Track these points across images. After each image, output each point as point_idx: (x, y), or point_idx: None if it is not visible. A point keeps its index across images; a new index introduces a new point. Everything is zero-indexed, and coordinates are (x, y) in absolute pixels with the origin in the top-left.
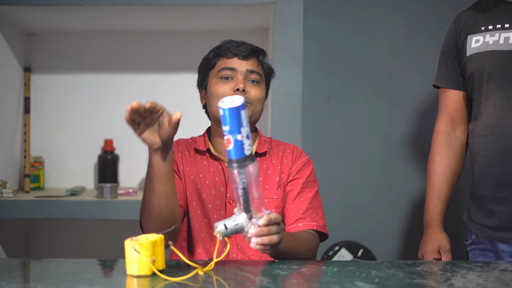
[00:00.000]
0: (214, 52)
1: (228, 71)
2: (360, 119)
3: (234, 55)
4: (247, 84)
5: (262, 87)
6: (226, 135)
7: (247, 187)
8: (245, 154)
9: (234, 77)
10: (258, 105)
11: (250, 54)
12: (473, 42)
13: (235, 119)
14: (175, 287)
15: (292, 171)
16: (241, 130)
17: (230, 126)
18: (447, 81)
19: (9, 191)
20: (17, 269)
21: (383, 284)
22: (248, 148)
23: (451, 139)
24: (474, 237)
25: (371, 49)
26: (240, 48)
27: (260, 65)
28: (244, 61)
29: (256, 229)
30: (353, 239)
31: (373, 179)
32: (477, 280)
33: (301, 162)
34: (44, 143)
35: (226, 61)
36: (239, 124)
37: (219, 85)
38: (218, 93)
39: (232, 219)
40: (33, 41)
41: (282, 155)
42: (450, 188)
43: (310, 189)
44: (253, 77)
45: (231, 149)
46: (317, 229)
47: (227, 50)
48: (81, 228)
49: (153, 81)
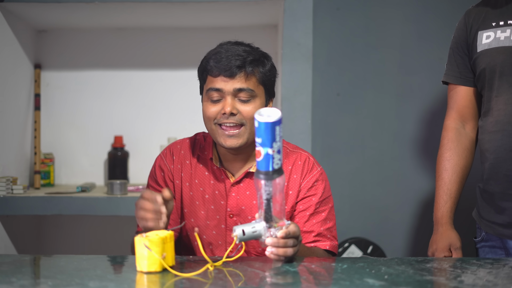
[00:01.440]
0: (202, 67)
1: (215, 92)
2: (369, 115)
3: (219, 74)
4: (236, 104)
5: (256, 100)
6: (258, 147)
7: (271, 199)
8: (274, 168)
9: (222, 97)
10: (253, 124)
11: (236, 70)
12: (484, 38)
13: (269, 134)
14: (185, 283)
15: (302, 188)
16: (273, 145)
17: (263, 139)
18: (457, 77)
19: (19, 187)
20: (28, 265)
21: (393, 281)
22: (277, 163)
23: (460, 136)
24: (483, 234)
25: (380, 46)
26: (224, 65)
27: (252, 76)
28: (230, 79)
29: (273, 240)
30: (363, 236)
31: (382, 175)
32: (487, 277)
33: (313, 177)
34: (54, 139)
35: (212, 80)
36: (272, 139)
37: (208, 106)
38: (208, 115)
39: (251, 226)
40: (43, 38)
41: (291, 168)
42: (460, 185)
43: (324, 207)
44: (242, 96)
45: (260, 161)
46: (329, 249)
47: (211, 68)
48: (91, 224)
49: (163, 77)
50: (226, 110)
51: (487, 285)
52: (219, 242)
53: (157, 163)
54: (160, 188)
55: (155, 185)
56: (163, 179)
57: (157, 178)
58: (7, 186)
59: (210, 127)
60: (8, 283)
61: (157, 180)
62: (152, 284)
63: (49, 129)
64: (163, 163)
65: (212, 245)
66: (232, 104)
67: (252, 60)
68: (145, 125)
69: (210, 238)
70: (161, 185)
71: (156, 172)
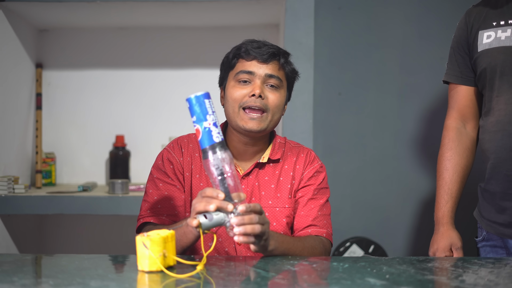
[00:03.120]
0: (234, 52)
1: (245, 74)
2: (371, 115)
3: (253, 58)
4: (265, 89)
5: (282, 92)
6: (195, 126)
7: (223, 174)
8: (214, 141)
9: (251, 81)
10: (275, 113)
11: (270, 57)
12: (484, 37)
13: (201, 107)
14: (186, 282)
15: (303, 177)
16: (207, 117)
17: (196, 115)
18: (458, 77)
19: (21, 187)
20: (29, 264)
21: (394, 280)
22: (217, 136)
23: (461, 135)
24: (485, 233)
25: (382, 45)
26: (260, 50)
27: (281, 68)
28: (263, 64)
29: (238, 218)
30: (364, 235)
31: (384, 175)
32: (489, 276)
33: (314, 168)
34: (55, 139)
35: (245, 63)
36: (205, 112)
37: (236, 88)
38: (234, 97)
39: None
40: (45, 37)
41: (295, 160)
42: (461, 185)
43: (321, 195)
44: (272, 82)
45: (201, 138)
46: (326, 237)
47: (247, 52)
48: (93, 224)
49: (164, 77)
50: (256, 91)
51: (488, 285)
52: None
53: (164, 156)
54: (170, 180)
55: (164, 177)
56: (173, 171)
57: (167, 171)
58: (8, 186)
59: (233, 109)
60: (10, 283)
61: (167, 173)
62: (153, 284)
63: (51, 129)
64: (171, 155)
65: (221, 237)
66: (261, 88)
67: (285, 53)
68: (146, 125)
69: (219, 231)
70: (170, 177)
71: (164, 165)
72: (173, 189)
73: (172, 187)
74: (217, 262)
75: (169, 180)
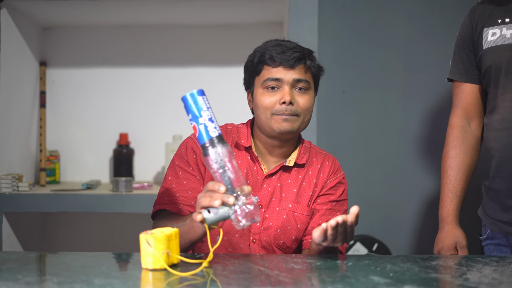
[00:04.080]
0: (258, 58)
1: (273, 81)
2: (375, 113)
3: (279, 64)
4: (294, 94)
5: (311, 93)
6: (192, 123)
7: (224, 166)
8: (212, 136)
9: (280, 87)
10: (306, 115)
11: (296, 62)
12: (489, 35)
13: (195, 104)
14: (190, 280)
15: (326, 185)
16: (202, 113)
17: (192, 113)
18: (462, 75)
19: (25, 184)
20: (33, 262)
21: (398, 278)
22: (213, 130)
23: (466, 133)
24: (489, 232)
25: (386, 43)
26: (285, 55)
27: (308, 71)
28: (290, 70)
29: (241, 209)
30: (368, 233)
31: (388, 173)
32: (493, 274)
33: (337, 178)
34: (59, 137)
35: (271, 70)
36: (199, 108)
37: (265, 96)
38: (265, 105)
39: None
40: (49, 35)
41: (319, 167)
42: (466, 183)
43: (340, 208)
44: (301, 85)
45: (198, 134)
46: (339, 248)
47: (272, 58)
48: (97, 221)
49: (168, 75)
50: (286, 99)
51: (492, 283)
52: (244, 231)
53: (188, 145)
54: (191, 169)
55: (186, 166)
56: (195, 161)
57: (189, 160)
58: (12, 183)
59: (265, 116)
60: (14, 280)
61: (189, 162)
62: (157, 281)
63: (55, 127)
64: (196, 145)
65: (238, 233)
66: (291, 94)
67: (309, 54)
68: (150, 123)
69: (237, 230)
70: (192, 167)
71: (188, 154)
72: (193, 179)
73: (192, 177)
74: (221, 260)
75: (190, 170)
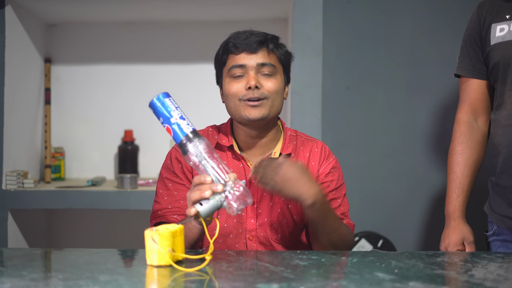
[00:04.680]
0: (223, 48)
1: (238, 69)
2: (380, 109)
3: (242, 50)
4: (260, 78)
5: (278, 77)
6: (164, 126)
7: (205, 158)
8: (186, 133)
9: (245, 74)
10: (275, 98)
11: (258, 46)
12: (497, 30)
13: (163, 107)
14: (195, 276)
15: (320, 174)
16: (172, 114)
17: (162, 116)
18: (470, 70)
19: (30, 181)
20: (39, 258)
21: (403, 275)
22: (187, 127)
23: (473, 129)
24: (495, 228)
25: (391, 39)
26: (247, 41)
27: (272, 53)
28: (253, 55)
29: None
30: (373, 230)
31: (393, 170)
32: (498, 271)
33: (329, 164)
34: (64, 133)
35: (235, 57)
36: (168, 110)
37: (232, 84)
38: (232, 92)
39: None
40: (54, 32)
41: (308, 155)
42: (472, 179)
43: (339, 194)
44: (265, 70)
45: (173, 135)
46: (351, 228)
47: (234, 45)
48: (102, 218)
49: (173, 71)
50: (251, 83)
51: (497, 279)
52: (239, 230)
53: (172, 155)
54: (179, 179)
55: (173, 176)
56: (181, 170)
57: (175, 170)
58: (18, 180)
59: (234, 103)
60: (19, 276)
61: (175, 172)
62: (162, 278)
63: (60, 123)
64: (179, 154)
65: (232, 233)
66: (256, 78)
67: (272, 38)
68: (155, 119)
69: (231, 227)
70: (179, 177)
71: (173, 164)
72: (183, 188)
73: (182, 187)
74: (225, 256)
75: (178, 180)
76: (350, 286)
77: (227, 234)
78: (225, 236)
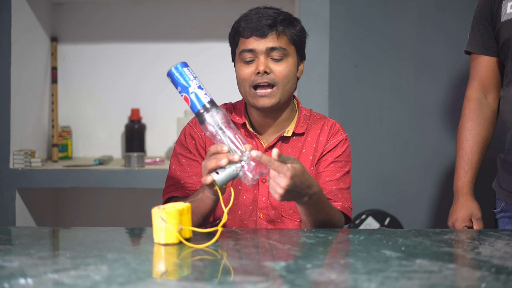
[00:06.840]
0: (234, 30)
1: (248, 53)
2: (387, 87)
3: (251, 34)
4: (269, 63)
5: (289, 60)
6: (182, 95)
7: (221, 129)
8: (204, 103)
9: (255, 58)
10: (286, 83)
11: (268, 29)
12: (508, 7)
13: (181, 76)
14: (202, 254)
15: (326, 148)
16: (190, 83)
17: (180, 85)
18: (480, 47)
19: (37, 160)
20: (46, 237)
21: (410, 252)
22: (204, 97)
23: (482, 106)
24: (503, 205)
25: (398, 16)
26: (255, 24)
27: (283, 35)
28: (262, 39)
29: (248, 164)
30: (380, 208)
31: (400, 147)
32: (505, 248)
33: (336, 140)
34: (71, 112)
35: (245, 41)
36: (186, 79)
37: (242, 68)
38: (242, 77)
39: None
40: (60, 11)
41: (319, 132)
42: (481, 156)
43: (340, 169)
44: (275, 55)
45: (190, 104)
46: (341, 210)
47: (244, 29)
48: (109, 197)
49: (180, 50)
50: (260, 68)
51: (504, 257)
52: (250, 207)
53: (186, 131)
54: (192, 155)
55: (186, 152)
56: (195, 146)
57: (188, 146)
58: (25, 159)
59: (244, 89)
60: (27, 255)
61: (189, 148)
62: (169, 256)
63: (66, 102)
64: (193, 131)
65: (240, 210)
66: (265, 63)
67: (283, 20)
68: (162, 98)
69: (239, 204)
70: (193, 153)
71: (186, 140)
72: (196, 164)
73: (195, 163)
74: (232, 234)
75: (192, 156)
76: (357, 264)
77: (235, 211)
78: (234, 213)
